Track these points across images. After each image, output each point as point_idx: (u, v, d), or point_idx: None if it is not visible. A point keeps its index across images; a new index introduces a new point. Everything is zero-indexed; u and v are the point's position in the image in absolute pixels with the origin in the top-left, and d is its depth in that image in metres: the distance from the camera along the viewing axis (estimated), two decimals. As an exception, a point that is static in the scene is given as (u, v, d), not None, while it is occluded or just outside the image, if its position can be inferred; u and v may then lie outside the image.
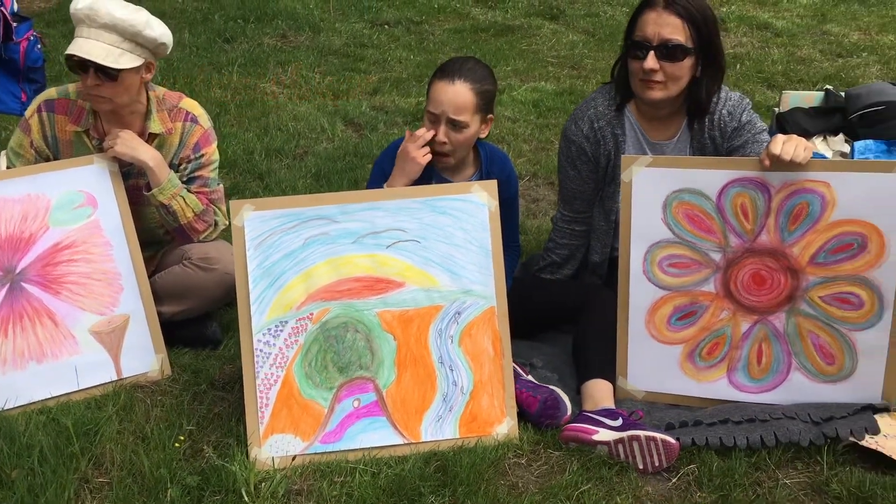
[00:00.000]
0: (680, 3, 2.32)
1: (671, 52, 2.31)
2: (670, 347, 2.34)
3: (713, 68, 2.39)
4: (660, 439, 2.08)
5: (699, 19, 2.32)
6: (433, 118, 2.41)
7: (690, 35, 2.32)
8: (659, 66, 2.33)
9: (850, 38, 5.42)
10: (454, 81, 2.38)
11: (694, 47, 2.33)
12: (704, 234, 2.25)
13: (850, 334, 2.20)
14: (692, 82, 2.40)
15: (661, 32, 2.31)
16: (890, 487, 1.98)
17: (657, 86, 2.36)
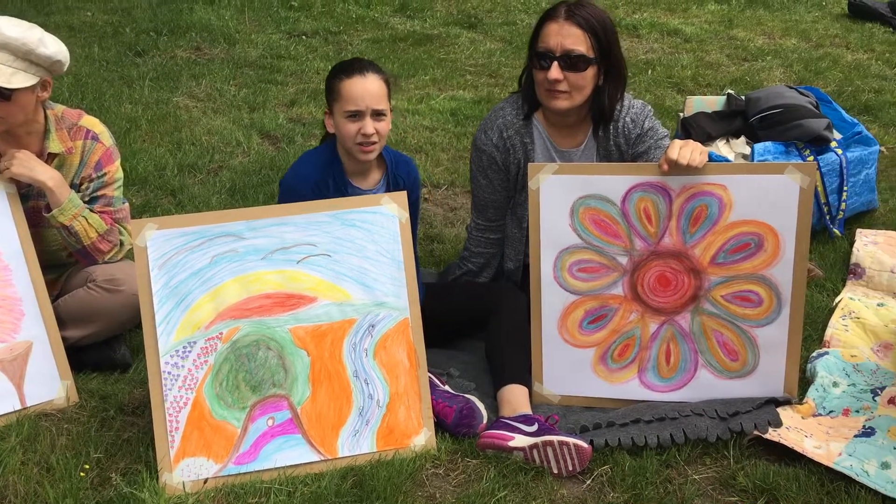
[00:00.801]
0: (581, 15, 2.37)
1: (574, 62, 2.36)
2: (583, 351, 2.38)
3: (615, 77, 2.45)
4: (572, 444, 2.11)
5: (599, 30, 2.38)
6: (355, 115, 2.38)
7: (592, 45, 2.37)
8: (563, 76, 2.37)
9: (755, 42, 5.62)
10: (365, 75, 2.37)
11: (595, 57, 2.38)
12: (611, 239, 2.30)
13: (751, 331, 2.28)
14: (596, 91, 2.45)
15: (564, 43, 2.35)
16: (792, 478, 2.05)
17: (562, 95, 2.41)
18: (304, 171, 2.50)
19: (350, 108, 2.37)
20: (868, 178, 3.17)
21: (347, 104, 2.38)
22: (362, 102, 2.36)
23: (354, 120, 2.38)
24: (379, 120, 2.39)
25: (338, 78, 2.41)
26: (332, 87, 2.43)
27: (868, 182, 3.18)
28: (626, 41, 5.81)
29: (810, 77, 4.90)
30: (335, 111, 2.43)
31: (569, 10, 2.38)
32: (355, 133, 2.38)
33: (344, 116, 2.39)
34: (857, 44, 5.51)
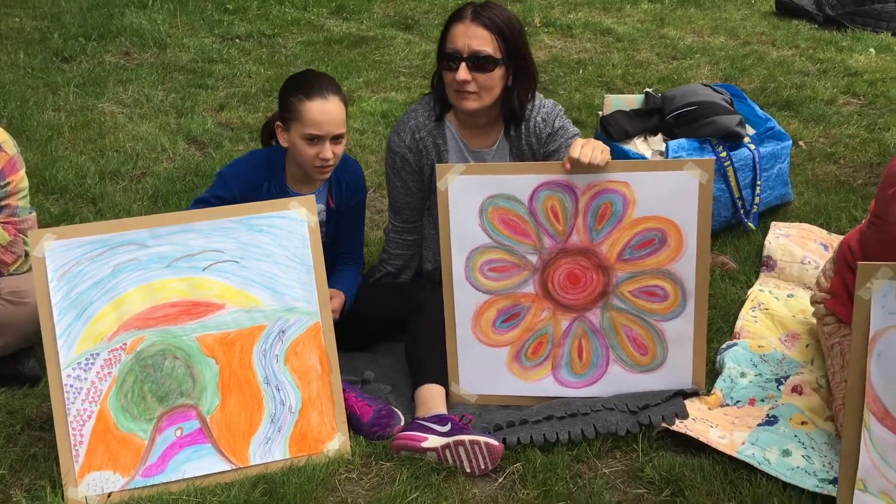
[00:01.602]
0: (487, 16, 2.38)
1: (481, 63, 2.37)
2: (497, 350, 2.40)
3: (524, 77, 2.47)
4: (483, 442, 2.12)
5: (506, 31, 2.39)
6: (314, 139, 2.34)
7: (499, 46, 2.38)
8: (471, 77, 2.38)
9: (685, 40, 5.71)
10: (327, 98, 2.34)
11: (503, 58, 2.39)
12: (520, 238, 2.32)
13: (658, 325, 2.32)
14: (505, 91, 2.47)
15: (471, 44, 2.36)
16: (697, 469, 2.09)
17: (471, 96, 2.42)
18: (242, 168, 2.49)
19: (311, 132, 2.33)
20: (781, 172, 3.24)
21: (308, 128, 2.34)
22: (324, 128, 2.33)
23: (313, 144, 2.35)
24: (337, 143, 2.37)
25: (297, 97, 2.35)
26: (290, 106, 2.37)
27: (781, 176, 3.25)
28: (560, 41, 5.87)
29: (736, 74, 5.00)
30: (292, 129, 2.38)
31: (475, 11, 2.39)
32: (313, 156, 2.36)
33: (302, 139, 2.35)
34: (783, 40, 5.63)
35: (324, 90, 2.34)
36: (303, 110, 2.33)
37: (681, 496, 2.03)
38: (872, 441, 1.80)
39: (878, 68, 5.02)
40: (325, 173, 2.42)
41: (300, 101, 2.34)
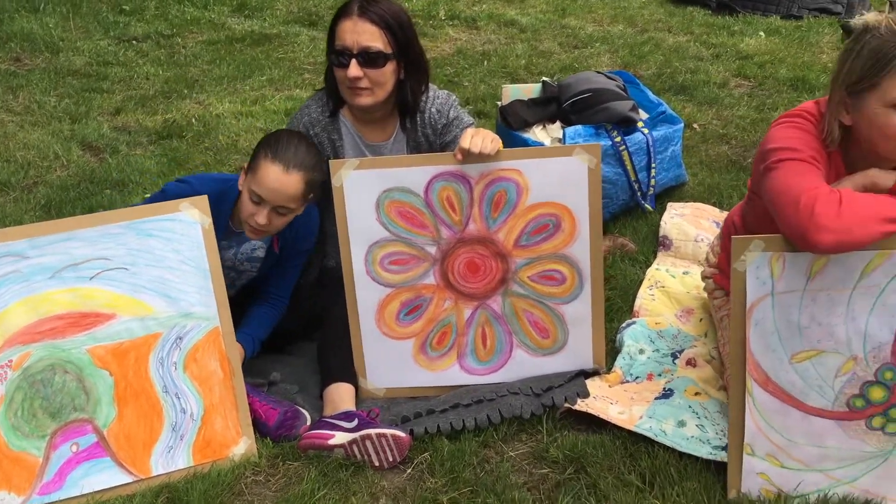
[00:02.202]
0: (374, 11, 2.37)
1: (372, 58, 2.36)
2: (403, 342, 2.41)
3: (416, 70, 2.47)
4: (390, 435, 2.13)
5: (395, 25, 2.38)
6: (257, 198, 2.25)
7: (388, 41, 2.38)
8: (363, 73, 2.37)
9: (585, 30, 5.83)
10: (289, 172, 2.23)
11: (393, 52, 2.39)
12: (418, 230, 2.33)
13: (558, 308, 2.37)
14: (398, 85, 2.47)
15: (360, 40, 2.35)
16: (598, 445, 2.14)
17: (364, 92, 2.41)
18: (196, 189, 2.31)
19: (257, 192, 2.24)
20: (674, 154, 3.35)
21: (256, 186, 2.24)
22: (270, 196, 2.23)
23: (255, 203, 2.26)
24: (280, 215, 2.28)
25: (265, 153, 2.25)
26: (256, 156, 2.28)
27: (675, 158, 3.36)
28: (464, 33, 5.90)
29: (634, 61, 5.13)
30: (248, 178, 2.29)
31: (362, 6, 2.37)
32: (248, 214, 2.27)
33: (249, 193, 2.27)
34: (679, 27, 5.81)
35: (290, 162, 2.23)
36: (261, 168, 2.24)
37: (583, 473, 2.08)
38: (756, 406, 1.88)
39: (767, 51, 5.23)
40: (256, 235, 2.33)
41: (264, 158, 2.24)
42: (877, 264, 1.74)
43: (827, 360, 1.83)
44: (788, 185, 1.77)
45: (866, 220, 1.67)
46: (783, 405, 1.87)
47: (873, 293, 1.76)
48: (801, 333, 1.82)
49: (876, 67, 1.74)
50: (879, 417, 1.85)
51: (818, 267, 1.77)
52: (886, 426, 1.86)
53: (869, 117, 1.79)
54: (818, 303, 1.79)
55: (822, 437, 1.89)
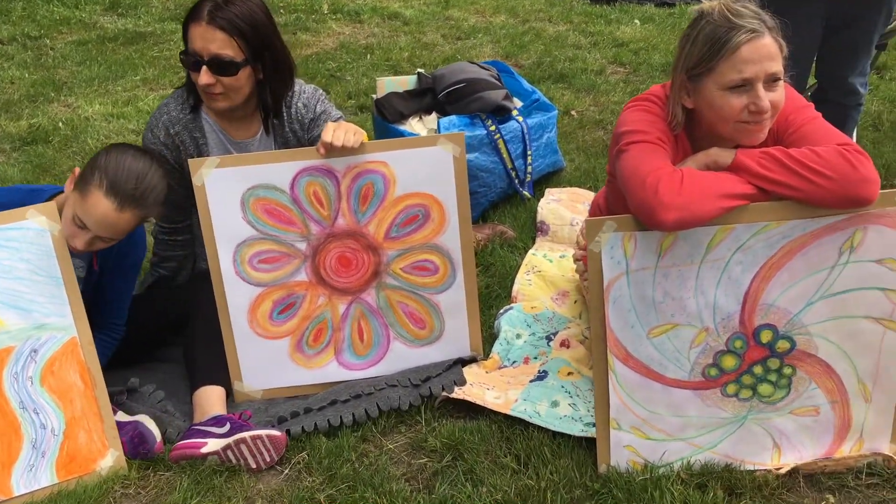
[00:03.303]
0: (224, 17, 2.23)
1: (223, 67, 2.26)
2: (278, 342, 2.36)
3: (276, 71, 2.36)
4: (265, 435, 2.09)
5: (248, 30, 2.25)
6: (81, 224, 2.07)
7: (240, 48, 2.25)
8: (215, 80, 2.27)
9: (468, 21, 5.88)
10: (123, 210, 2.06)
11: (247, 58, 2.27)
12: (286, 226, 2.29)
13: (432, 298, 2.37)
14: (259, 85, 2.39)
15: (210, 48, 2.23)
16: (475, 431, 2.16)
17: (219, 97, 2.32)
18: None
19: (81, 216, 2.06)
20: (550, 140, 3.41)
21: (82, 212, 2.05)
22: (95, 228, 2.06)
23: (78, 226, 2.07)
24: (104, 241, 2.11)
25: (98, 179, 2.05)
26: (87, 176, 2.07)
27: (550, 144, 3.42)
28: (348, 27, 5.85)
29: (516, 51, 5.20)
30: (76, 194, 2.08)
31: (211, 11, 2.23)
32: (67, 234, 2.09)
33: (71, 210, 2.08)
34: (559, 17, 5.93)
35: (126, 200, 2.05)
36: (91, 196, 2.05)
37: (461, 459, 2.09)
38: (619, 382, 1.94)
39: (641, 38, 5.40)
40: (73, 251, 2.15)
41: (97, 187, 2.04)
42: (720, 239, 1.82)
43: (681, 333, 1.90)
44: (636, 167, 1.83)
45: (706, 197, 1.74)
46: (644, 379, 1.94)
47: (719, 266, 1.84)
48: (656, 309, 1.88)
49: (711, 52, 1.81)
50: (733, 385, 1.94)
51: (667, 244, 1.83)
52: (740, 392, 1.95)
53: (708, 100, 1.86)
54: (669, 278, 1.86)
55: (682, 407, 1.96)
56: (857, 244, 1.80)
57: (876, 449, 1.97)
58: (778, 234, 1.80)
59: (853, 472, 1.97)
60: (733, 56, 1.78)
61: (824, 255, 1.81)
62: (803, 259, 1.82)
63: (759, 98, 1.79)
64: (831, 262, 1.82)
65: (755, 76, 1.79)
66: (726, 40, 1.79)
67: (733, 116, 1.83)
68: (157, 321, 2.51)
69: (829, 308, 1.86)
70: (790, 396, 1.94)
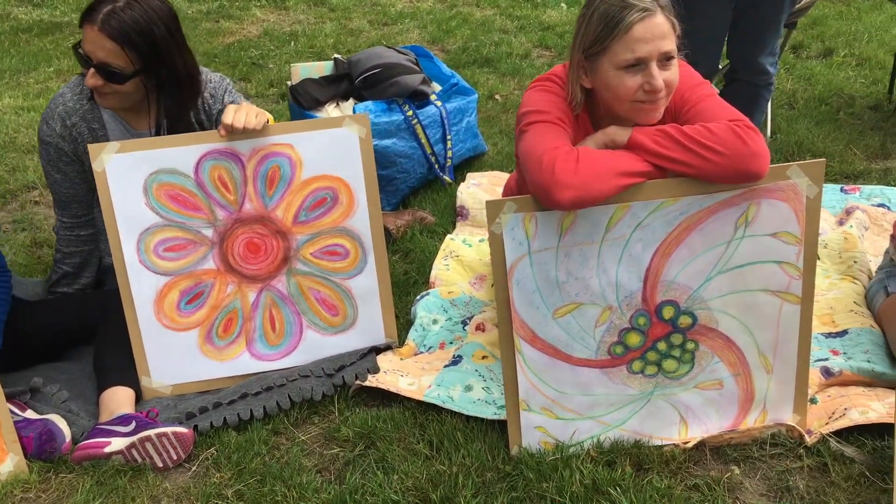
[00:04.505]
0: (115, 25, 2.12)
1: (110, 74, 2.17)
2: (186, 334, 2.30)
3: (176, 86, 2.26)
4: (171, 432, 2.03)
5: (139, 40, 2.14)
6: None
7: (131, 58, 2.16)
8: (103, 83, 2.18)
9: (396, 6, 5.83)
10: None
11: (139, 69, 2.18)
12: (192, 212, 2.22)
13: (344, 283, 2.34)
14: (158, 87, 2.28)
15: (97, 54, 2.14)
16: (388, 419, 2.13)
17: (108, 97, 2.23)
18: None
19: None
20: (470, 125, 3.40)
21: None
22: None
23: None
24: None
25: None
26: None
27: (470, 129, 3.41)
28: (272, 14, 5.74)
29: (442, 36, 5.17)
30: None
31: (105, 17, 2.13)
32: None
33: None
34: (486, 1, 5.92)
35: None
36: None
37: (373, 448, 2.07)
38: (527, 363, 1.94)
39: (567, 21, 5.42)
40: None
41: None
42: (619, 217, 1.82)
43: (586, 312, 1.90)
44: (533, 147, 1.82)
45: (602, 175, 1.74)
46: (551, 359, 1.94)
47: (619, 244, 1.85)
48: (560, 289, 1.88)
49: (605, 31, 1.81)
50: (638, 361, 1.96)
51: (567, 223, 1.83)
52: (645, 369, 1.96)
53: (604, 80, 1.86)
54: (572, 258, 1.86)
55: (590, 385, 1.97)
56: (751, 218, 1.82)
57: (779, 419, 2.01)
58: (675, 210, 1.81)
59: (758, 442, 2.00)
60: (626, 35, 1.78)
61: (720, 230, 1.83)
62: (700, 235, 1.83)
63: (653, 77, 1.79)
64: (727, 236, 1.84)
65: (648, 55, 1.79)
66: (619, 20, 1.78)
67: (629, 96, 1.83)
68: (66, 328, 2.41)
69: (728, 282, 1.88)
70: (694, 371, 1.96)
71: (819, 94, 4.09)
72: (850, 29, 5.14)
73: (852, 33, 5.05)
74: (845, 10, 5.64)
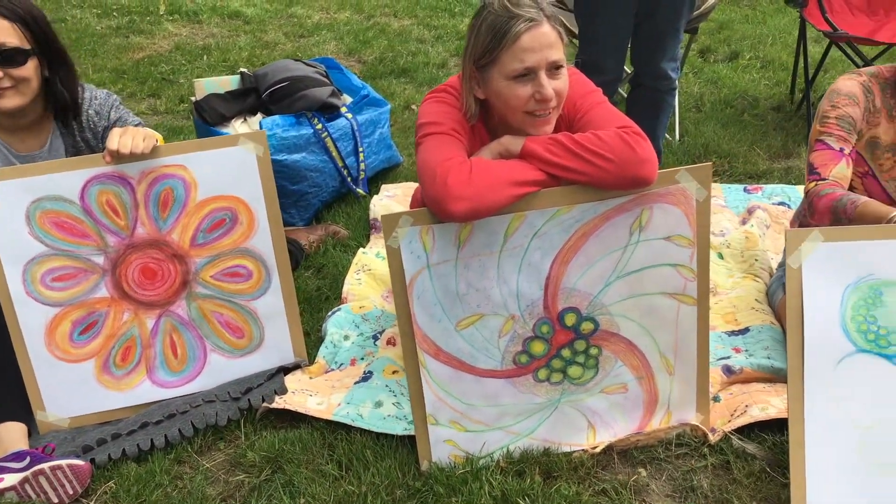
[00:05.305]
0: (5, 6, 2.12)
1: (11, 56, 2.11)
2: (81, 365, 2.20)
3: (62, 65, 2.25)
4: (66, 465, 1.94)
5: (30, 20, 2.15)
6: None
7: (25, 37, 2.14)
8: (2, 73, 2.12)
9: (312, 18, 5.77)
10: None
11: (33, 48, 2.16)
12: (80, 240, 2.13)
13: (248, 305, 2.27)
14: (46, 83, 2.24)
15: None
16: (296, 441, 2.08)
17: (8, 92, 2.15)
18: None
19: None
20: (383, 136, 3.37)
21: None
22: None
23: None
24: None
25: None
26: None
27: (384, 140, 3.38)
28: (185, 28, 5.62)
29: (359, 47, 5.14)
30: None
31: None
32: None
33: None
34: (404, 11, 5.91)
35: None
36: None
37: (280, 472, 2.01)
38: (432, 377, 1.91)
39: (484, 31, 5.44)
40: None
41: None
42: (516, 226, 1.82)
43: (489, 323, 1.89)
44: (427, 159, 1.80)
45: (495, 186, 1.73)
46: (456, 372, 1.92)
47: (518, 254, 1.84)
48: (461, 300, 1.87)
49: (493, 42, 1.81)
50: (544, 370, 1.95)
51: (465, 235, 1.81)
52: (551, 377, 1.96)
53: (496, 90, 1.86)
54: (471, 269, 1.84)
55: (497, 396, 1.95)
56: (645, 223, 1.84)
57: (683, 419, 2.03)
58: (570, 218, 1.82)
59: (664, 443, 2.02)
60: (514, 46, 1.78)
61: (616, 235, 1.84)
62: (597, 241, 1.84)
63: (543, 87, 1.79)
64: (623, 242, 1.85)
65: (537, 64, 1.79)
66: (506, 30, 1.78)
67: (520, 106, 1.83)
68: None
69: (627, 287, 1.89)
70: (599, 376, 1.97)
71: (725, 96, 4.20)
72: (755, 32, 5.30)
73: (757, 36, 5.21)
74: (751, 13, 5.83)
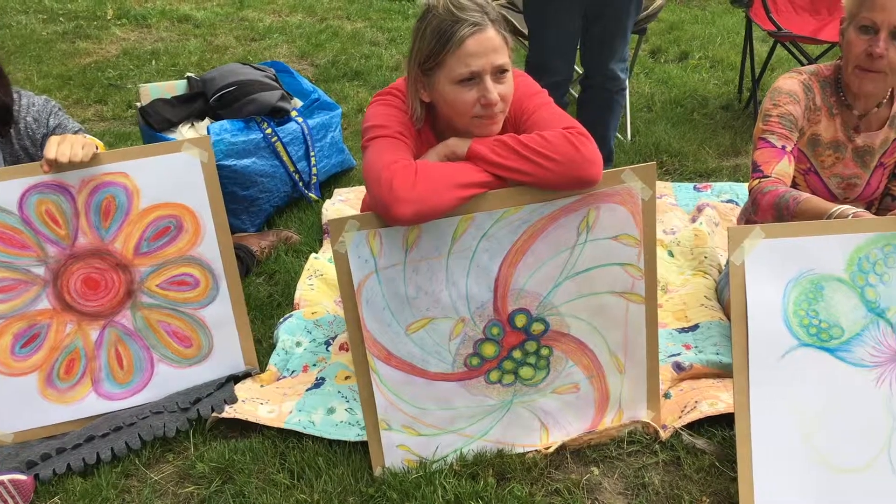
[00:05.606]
0: None
1: None
2: (24, 379, 2.14)
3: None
4: (7, 481, 1.89)
5: None
6: None
7: None
8: None
9: (264, 21, 5.71)
10: None
11: None
12: (18, 251, 2.08)
13: (196, 313, 2.23)
14: None
15: None
16: (247, 450, 2.04)
17: None
18: None
19: None
20: (334, 140, 3.34)
21: None
22: None
23: None
24: None
25: None
26: None
27: (335, 144, 3.35)
28: (133, 33, 5.52)
29: (312, 50, 5.09)
30: None
31: None
32: None
33: None
34: (357, 14, 5.88)
35: None
36: None
37: (230, 482, 1.98)
38: (383, 382, 1.90)
39: (438, 34, 5.44)
40: None
41: None
42: (464, 228, 1.81)
43: (439, 326, 1.88)
44: (373, 162, 1.78)
45: (440, 188, 1.73)
46: (408, 376, 1.90)
47: (466, 256, 1.84)
48: (411, 304, 1.85)
49: (438, 46, 1.80)
50: (495, 371, 1.95)
51: (412, 238, 1.80)
52: (503, 378, 1.96)
53: (441, 94, 1.85)
54: (420, 273, 1.83)
55: (449, 399, 1.94)
56: (592, 223, 1.85)
57: (634, 417, 2.04)
58: (518, 219, 1.82)
59: (616, 441, 2.03)
60: (459, 50, 1.77)
61: (564, 236, 1.85)
62: (545, 242, 1.85)
63: (488, 91, 1.79)
64: (571, 242, 1.86)
65: (482, 69, 1.79)
66: (451, 34, 1.78)
67: (466, 110, 1.82)
68: None
69: (576, 287, 1.90)
70: (550, 376, 1.97)
71: (675, 96, 4.26)
72: (704, 32, 5.38)
73: (707, 36, 5.29)
74: (700, 14, 5.92)
